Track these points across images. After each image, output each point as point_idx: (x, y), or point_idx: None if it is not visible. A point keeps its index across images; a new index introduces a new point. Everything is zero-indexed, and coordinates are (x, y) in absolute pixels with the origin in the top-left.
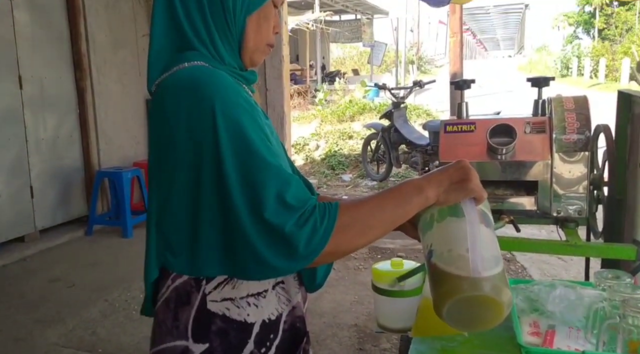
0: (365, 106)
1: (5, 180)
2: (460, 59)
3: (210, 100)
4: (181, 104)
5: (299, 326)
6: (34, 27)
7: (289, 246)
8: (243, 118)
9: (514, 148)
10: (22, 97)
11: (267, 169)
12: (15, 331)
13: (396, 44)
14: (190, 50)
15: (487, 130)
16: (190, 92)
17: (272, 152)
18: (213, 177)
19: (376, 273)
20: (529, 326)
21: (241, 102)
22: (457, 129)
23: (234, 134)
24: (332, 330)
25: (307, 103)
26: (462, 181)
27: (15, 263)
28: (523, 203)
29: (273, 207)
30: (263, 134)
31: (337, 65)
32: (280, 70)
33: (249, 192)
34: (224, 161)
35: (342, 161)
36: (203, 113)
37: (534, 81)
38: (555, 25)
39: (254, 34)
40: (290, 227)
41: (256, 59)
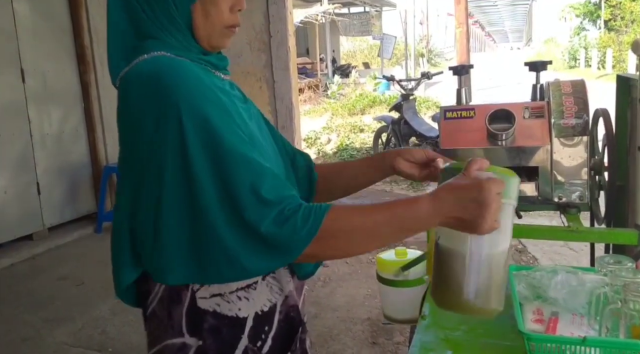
0: (376, 98)
1: (11, 176)
2: (467, 50)
3: (173, 94)
4: (143, 100)
5: (293, 315)
6: (34, 19)
7: (265, 245)
8: (209, 109)
9: (514, 134)
10: (25, 90)
11: (239, 161)
12: (23, 330)
13: (405, 36)
14: (149, 38)
15: (487, 115)
16: (152, 86)
17: (245, 142)
18: (179, 175)
19: (380, 262)
20: (532, 313)
21: (206, 93)
22: (456, 115)
23: (200, 127)
24: (345, 324)
25: (318, 97)
26: (475, 217)
27: (23, 262)
28: (524, 189)
29: (247, 203)
30: (234, 123)
31: (347, 59)
32: (287, 62)
33: (220, 187)
34: (191, 157)
35: (354, 154)
36: (166, 108)
37: (531, 66)
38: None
39: (203, 21)
40: (267, 225)
41: (216, 43)
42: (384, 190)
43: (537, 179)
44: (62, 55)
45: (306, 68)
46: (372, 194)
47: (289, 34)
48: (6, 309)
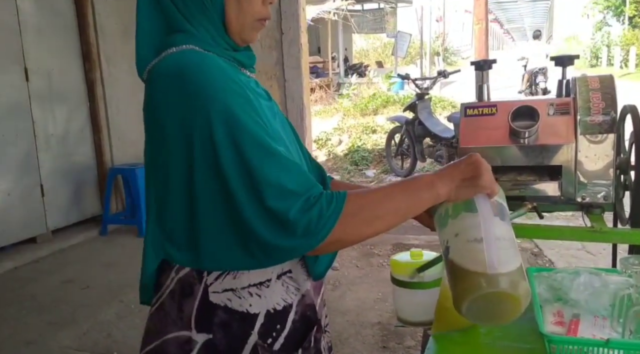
0: (389, 98)
1: (15, 178)
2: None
3: (200, 88)
4: (170, 94)
5: (309, 314)
6: (38, 16)
7: (293, 230)
8: (236, 103)
9: (537, 131)
10: (28, 90)
11: (266, 155)
12: (27, 334)
13: (421, 34)
14: (178, 32)
15: (509, 112)
16: (179, 81)
17: (271, 137)
18: (209, 167)
19: (395, 264)
20: (553, 315)
21: (233, 87)
22: (477, 112)
23: (228, 121)
24: (355, 328)
25: (329, 97)
26: (473, 177)
27: (27, 265)
28: (546, 189)
29: (274, 194)
30: (260, 119)
31: (360, 57)
32: (299, 60)
33: (248, 179)
34: (219, 150)
35: (366, 156)
36: (194, 103)
37: (557, 60)
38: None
39: (235, 12)
40: (294, 213)
41: (247, 37)
42: None
43: (560, 178)
44: (67, 53)
45: (317, 67)
46: None
47: (301, 31)
48: (10, 313)
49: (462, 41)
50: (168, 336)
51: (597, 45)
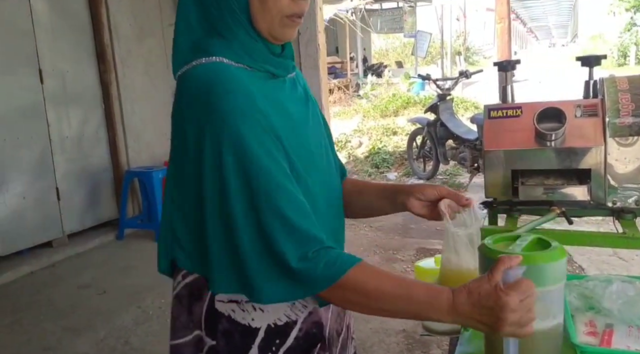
0: (410, 99)
1: (30, 181)
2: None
3: (217, 111)
4: (194, 108)
5: (314, 331)
6: (52, 17)
7: (286, 278)
8: (251, 135)
9: (564, 133)
10: (43, 92)
11: (273, 191)
12: (44, 340)
13: (441, 33)
14: (215, 36)
15: (535, 114)
16: (201, 98)
17: (283, 172)
18: (216, 194)
19: (419, 270)
20: (585, 325)
21: (252, 115)
22: (501, 114)
23: (238, 152)
24: (379, 336)
25: (348, 98)
26: (493, 324)
27: (43, 270)
28: (575, 193)
29: (277, 234)
30: (275, 150)
31: (379, 57)
32: (317, 60)
33: (252, 214)
34: (226, 180)
35: (387, 158)
36: (208, 123)
37: (584, 60)
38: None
39: (260, 10)
40: (295, 259)
41: (278, 35)
42: None
43: (589, 182)
44: (82, 54)
45: (335, 68)
46: None
47: (318, 30)
48: (26, 318)
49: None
50: (180, 341)
51: (625, 44)
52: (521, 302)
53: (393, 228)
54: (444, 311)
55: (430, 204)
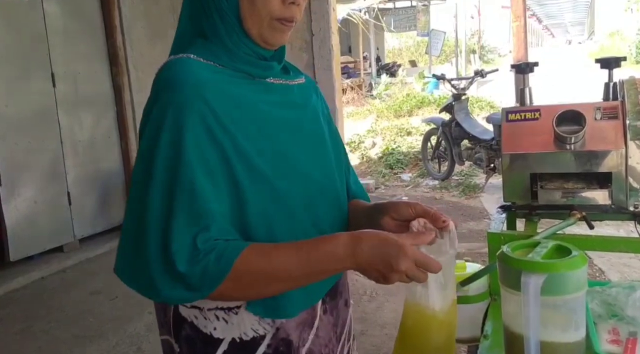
0: (424, 99)
1: (41, 186)
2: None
3: (162, 104)
4: (147, 108)
5: (282, 350)
6: (65, 20)
7: (178, 279)
8: (190, 127)
9: (584, 136)
10: (55, 95)
11: (186, 188)
12: (55, 348)
13: (455, 32)
14: (200, 37)
15: (554, 117)
16: (154, 95)
17: (206, 172)
18: (141, 179)
19: None
20: (608, 333)
21: (196, 106)
22: (519, 117)
23: (172, 142)
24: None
25: (361, 98)
26: (384, 273)
27: (54, 275)
28: (596, 197)
29: (175, 235)
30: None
31: (393, 57)
32: (330, 61)
33: (164, 209)
34: (154, 171)
35: (401, 159)
36: (153, 116)
37: (603, 62)
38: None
39: (249, 11)
40: (181, 262)
41: (268, 38)
42: (434, 197)
43: (610, 186)
44: (94, 57)
45: (348, 67)
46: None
47: (332, 31)
48: (37, 326)
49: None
50: (163, 337)
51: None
52: (417, 261)
53: None
54: (344, 256)
55: (406, 223)
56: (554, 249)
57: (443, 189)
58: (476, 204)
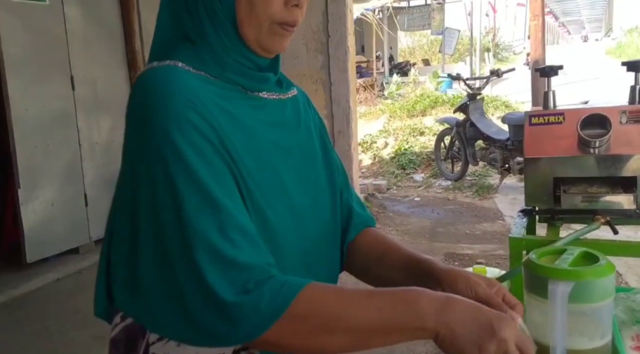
0: (438, 98)
1: (59, 188)
2: (542, 45)
3: (147, 113)
4: (130, 120)
5: None
6: (85, 24)
7: (222, 312)
8: (184, 136)
9: (609, 140)
10: (74, 98)
11: (204, 205)
12: (71, 349)
13: (470, 30)
14: (185, 41)
15: (578, 121)
16: (137, 101)
17: (221, 184)
18: (148, 208)
19: None
20: (632, 339)
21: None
22: (543, 120)
23: (167, 155)
24: (407, 344)
25: (373, 97)
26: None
27: (70, 276)
28: (620, 202)
29: (207, 256)
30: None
31: (405, 56)
32: (346, 63)
33: (181, 234)
34: (156, 188)
35: (413, 159)
36: (138, 128)
37: (630, 65)
38: None
39: (247, 14)
40: (229, 293)
41: (267, 44)
42: (447, 198)
43: (635, 190)
44: (113, 61)
45: (361, 67)
46: (433, 203)
47: (348, 33)
48: (53, 326)
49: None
50: None
51: None
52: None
53: (420, 232)
54: (429, 313)
55: None
56: (581, 256)
57: (456, 189)
58: (490, 205)
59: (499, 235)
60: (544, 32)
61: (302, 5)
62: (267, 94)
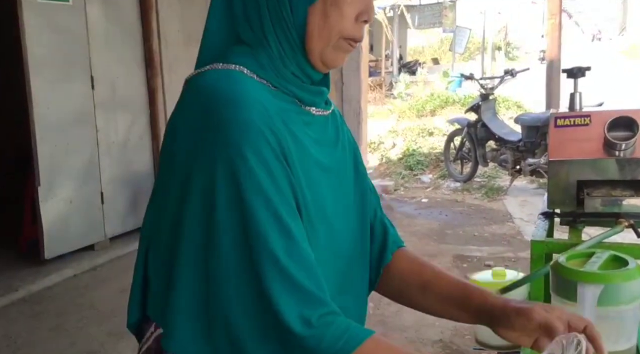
0: (448, 98)
1: (77, 186)
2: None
3: (221, 126)
4: (190, 118)
5: None
6: (106, 24)
7: (287, 340)
8: (256, 160)
9: (635, 143)
10: (94, 98)
11: (281, 231)
12: (88, 344)
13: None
14: (243, 43)
15: (605, 123)
16: (205, 107)
17: (291, 215)
18: (198, 230)
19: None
20: None
21: (265, 133)
22: (569, 122)
23: (237, 176)
24: (414, 346)
25: (382, 97)
26: None
27: (85, 273)
28: None
29: (280, 282)
30: (283, 183)
31: (415, 55)
32: (358, 62)
33: (245, 260)
34: (216, 213)
35: (421, 160)
36: (207, 140)
37: None
38: None
39: (320, 26)
40: (296, 323)
41: (329, 59)
42: (455, 200)
43: None
44: (131, 61)
45: (370, 66)
46: (441, 204)
47: None
48: (70, 322)
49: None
50: None
51: None
52: None
53: (428, 234)
54: None
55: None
56: (610, 260)
57: (465, 191)
58: (499, 207)
59: (508, 237)
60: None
61: (371, 21)
62: (316, 110)
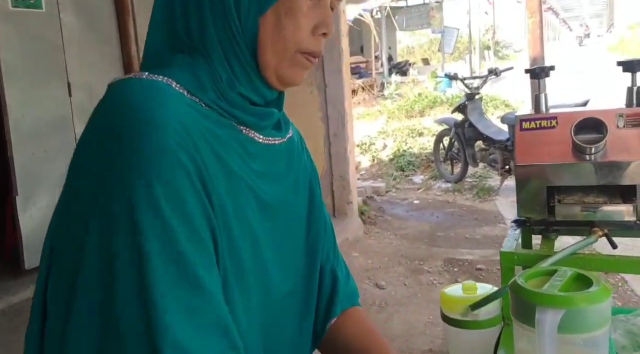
0: (437, 99)
1: (56, 195)
2: (541, 43)
3: (129, 144)
4: (95, 138)
5: None
6: (82, 30)
7: None
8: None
9: (605, 146)
10: (71, 105)
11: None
12: None
13: (469, 28)
14: (182, 53)
15: (572, 126)
16: (108, 129)
17: (205, 260)
18: (96, 261)
19: (445, 299)
20: None
21: (182, 160)
22: (535, 125)
23: (133, 214)
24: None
25: (373, 98)
26: None
27: None
28: (620, 212)
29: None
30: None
31: (405, 55)
32: (340, 65)
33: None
34: (115, 250)
35: (413, 161)
36: (109, 161)
37: (626, 65)
38: None
39: (273, 39)
40: None
41: (287, 75)
42: (447, 201)
43: (635, 200)
44: (109, 67)
45: (360, 68)
46: (433, 206)
47: (342, 34)
48: None
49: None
50: None
51: None
52: None
53: (419, 237)
54: None
55: None
56: (573, 279)
57: (456, 192)
58: (491, 208)
59: (500, 239)
60: (542, 29)
61: (330, 35)
62: (263, 138)
